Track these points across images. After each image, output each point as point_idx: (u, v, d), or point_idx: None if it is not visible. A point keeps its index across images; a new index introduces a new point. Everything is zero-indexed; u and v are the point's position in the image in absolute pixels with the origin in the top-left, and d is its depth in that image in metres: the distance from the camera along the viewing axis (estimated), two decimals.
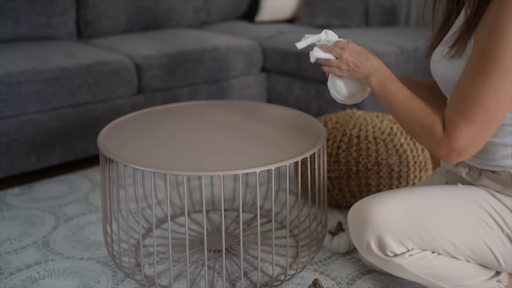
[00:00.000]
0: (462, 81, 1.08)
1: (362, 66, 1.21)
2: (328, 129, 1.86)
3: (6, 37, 2.47)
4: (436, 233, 1.17)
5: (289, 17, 3.27)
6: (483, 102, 1.04)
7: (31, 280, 1.51)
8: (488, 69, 1.03)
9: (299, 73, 2.65)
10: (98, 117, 2.25)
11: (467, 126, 1.06)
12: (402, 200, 1.20)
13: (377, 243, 1.19)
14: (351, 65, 1.22)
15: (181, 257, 1.62)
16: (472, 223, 1.17)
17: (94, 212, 1.91)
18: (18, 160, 2.08)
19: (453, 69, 1.14)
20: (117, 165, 1.41)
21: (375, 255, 1.21)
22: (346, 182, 1.81)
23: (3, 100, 2.00)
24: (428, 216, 1.17)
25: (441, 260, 1.20)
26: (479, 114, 1.05)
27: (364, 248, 1.22)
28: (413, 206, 1.19)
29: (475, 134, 1.06)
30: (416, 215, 1.18)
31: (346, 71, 1.23)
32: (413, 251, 1.19)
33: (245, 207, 1.93)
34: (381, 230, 1.17)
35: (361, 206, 1.23)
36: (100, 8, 2.73)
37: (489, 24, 1.04)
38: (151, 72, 2.39)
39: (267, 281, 1.50)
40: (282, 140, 1.46)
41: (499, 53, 1.01)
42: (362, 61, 1.21)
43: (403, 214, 1.17)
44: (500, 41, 1.01)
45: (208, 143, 1.45)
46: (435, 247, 1.19)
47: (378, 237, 1.18)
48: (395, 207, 1.18)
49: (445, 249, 1.19)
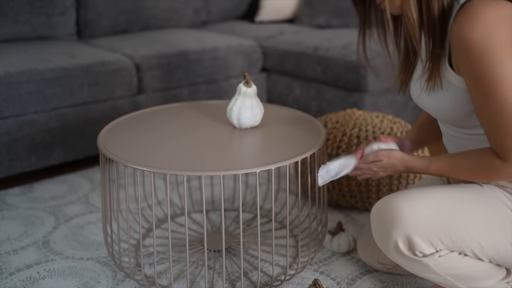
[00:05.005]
0: (481, 111, 1.09)
1: (386, 171, 1.29)
2: (328, 129, 1.86)
3: (6, 37, 2.47)
4: (466, 234, 1.16)
5: (289, 17, 3.27)
6: (508, 114, 1.05)
7: (31, 280, 1.51)
8: (492, 88, 1.04)
9: (299, 73, 2.65)
10: (98, 117, 2.25)
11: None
12: (431, 199, 1.18)
13: (406, 243, 1.17)
14: (378, 173, 1.31)
15: (181, 257, 1.62)
16: (499, 224, 1.16)
17: (94, 212, 1.91)
18: (18, 160, 2.08)
19: (440, 101, 1.17)
20: (117, 165, 1.41)
21: (403, 255, 1.19)
22: (346, 182, 1.81)
23: (3, 100, 2.00)
24: (458, 217, 1.16)
25: (466, 261, 1.19)
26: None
27: (391, 248, 1.19)
28: (443, 206, 1.17)
29: None
30: (447, 216, 1.16)
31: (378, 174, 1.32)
32: (442, 252, 1.18)
33: (245, 207, 1.93)
34: (410, 230, 1.15)
35: (388, 204, 1.20)
36: (100, 8, 2.73)
37: (463, 49, 1.05)
38: (151, 72, 2.39)
39: (267, 281, 1.50)
40: (282, 140, 1.46)
41: (490, 71, 1.03)
42: (381, 170, 1.29)
43: (433, 215, 1.16)
44: (484, 62, 1.03)
45: (208, 143, 1.45)
46: (463, 248, 1.17)
47: (407, 237, 1.16)
48: (425, 207, 1.17)
49: (473, 251, 1.17)
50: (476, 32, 1.03)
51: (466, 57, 1.05)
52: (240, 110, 1.50)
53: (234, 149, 1.47)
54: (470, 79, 1.07)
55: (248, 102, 1.50)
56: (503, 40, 1.02)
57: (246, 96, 1.50)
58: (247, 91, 1.50)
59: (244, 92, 1.50)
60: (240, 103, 1.50)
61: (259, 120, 1.54)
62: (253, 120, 1.52)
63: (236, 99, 1.51)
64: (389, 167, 1.27)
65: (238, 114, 1.50)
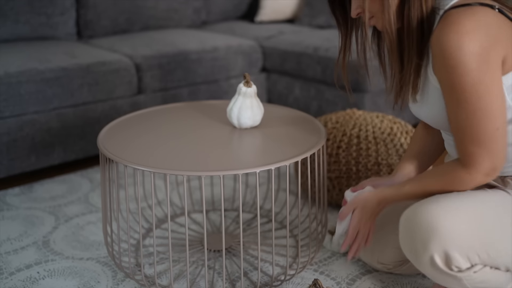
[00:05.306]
0: (452, 118, 1.13)
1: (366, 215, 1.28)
2: (328, 129, 1.86)
3: (6, 37, 2.47)
4: (504, 249, 1.13)
5: (289, 17, 3.27)
6: (479, 123, 1.09)
7: (31, 280, 1.51)
8: (462, 98, 1.08)
9: (299, 73, 2.65)
10: (98, 117, 2.25)
11: (480, 148, 1.10)
12: (468, 211, 1.13)
13: (443, 258, 1.11)
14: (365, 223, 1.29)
15: (181, 257, 1.62)
16: None
17: (94, 212, 1.91)
18: (18, 160, 2.08)
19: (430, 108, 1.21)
20: (117, 165, 1.41)
21: (437, 269, 1.13)
22: (346, 182, 1.80)
23: (3, 100, 2.00)
24: (496, 232, 1.13)
25: (497, 275, 1.16)
26: (482, 134, 1.09)
27: (425, 261, 1.14)
28: (480, 219, 1.13)
29: (490, 150, 1.10)
30: (486, 231, 1.12)
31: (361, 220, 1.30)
32: (477, 267, 1.14)
33: (245, 207, 1.93)
34: (449, 244, 1.10)
35: (423, 214, 1.14)
36: (100, 8, 2.73)
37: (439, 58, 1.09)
38: (151, 72, 2.39)
39: (267, 281, 1.50)
40: (282, 140, 1.46)
41: (462, 81, 1.06)
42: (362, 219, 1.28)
43: (472, 229, 1.12)
44: (456, 71, 1.06)
45: (208, 143, 1.45)
46: (498, 263, 1.14)
47: (445, 251, 1.11)
48: (464, 220, 1.12)
49: (506, 265, 1.15)
50: (450, 42, 1.06)
51: (441, 66, 1.09)
52: (240, 110, 1.50)
53: (234, 149, 1.47)
54: (444, 87, 1.11)
55: (248, 102, 1.50)
56: (476, 50, 1.05)
57: (246, 96, 1.50)
58: (247, 91, 1.50)
59: (244, 92, 1.50)
60: (240, 103, 1.50)
61: (259, 120, 1.54)
62: (253, 120, 1.52)
63: (236, 99, 1.51)
64: (364, 210, 1.27)
65: (238, 114, 1.50)
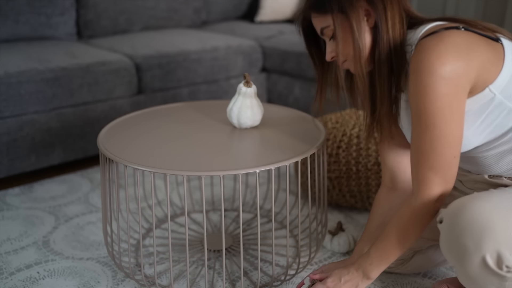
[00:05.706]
0: (415, 141, 1.15)
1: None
2: (328, 129, 1.86)
3: (6, 37, 2.47)
4: None
5: (289, 17, 3.27)
6: (441, 150, 1.11)
7: (31, 280, 1.51)
8: (429, 123, 1.10)
9: (299, 73, 2.65)
10: (98, 117, 2.25)
11: (436, 175, 1.13)
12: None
13: (495, 257, 1.04)
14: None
15: (181, 257, 1.62)
16: None
17: (94, 212, 1.91)
18: (18, 160, 2.08)
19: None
20: (117, 165, 1.41)
21: (487, 269, 1.06)
22: (346, 182, 1.81)
23: (3, 100, 2.00)
24: None
25: None
26: (441, 161, 1.12)
27: (475, 262, 1.05)
28: None
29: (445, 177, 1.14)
30: None
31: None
32: None
33: (245, 207, 1.93)
34: (503, 243, 1.03)
35: (475, 212, 1.06)
36: (100, 8, 2.73)
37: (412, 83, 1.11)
38: (151, 72, 2.39)
39: (267, 281, 1.50)
40: (282, 140, 1.46)
41: (429, 107, 1.09)
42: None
43: None
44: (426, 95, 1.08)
45: (208, 143, 1.45)
46: None
47: (498, 250, 1.03)
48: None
49: None
50: (421, 68, 1.08)
51: (414, 91, 1.11)
52: (240, 110, 1.50)
53: (234, 149, 1.47)
54: (414, 111, 1.13)
55: (248, 102, 1.50)
56: (448, 75, 1.06)
57: (246, 96, 1.50)
58: (247, 91, 1.50)
59: (244, 92, 1.50)
60: (240, 103, 1.50)
61: (259, 120, 1.54)
62: (253, 120, 1.52)
63: (236, 99, 1.51)
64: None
65: (238, 114, 1.50)
